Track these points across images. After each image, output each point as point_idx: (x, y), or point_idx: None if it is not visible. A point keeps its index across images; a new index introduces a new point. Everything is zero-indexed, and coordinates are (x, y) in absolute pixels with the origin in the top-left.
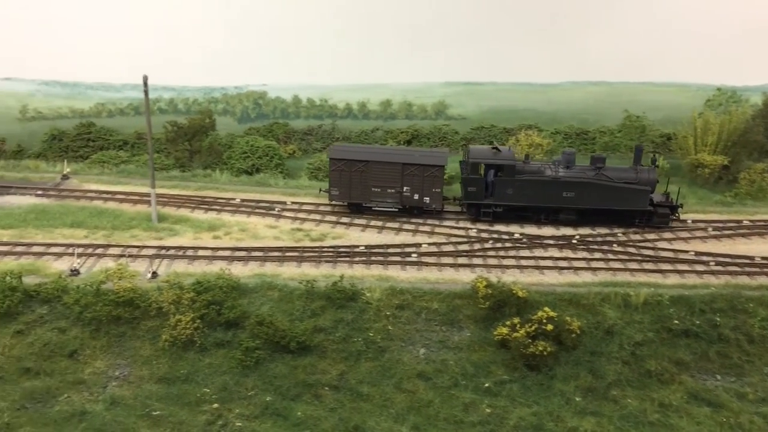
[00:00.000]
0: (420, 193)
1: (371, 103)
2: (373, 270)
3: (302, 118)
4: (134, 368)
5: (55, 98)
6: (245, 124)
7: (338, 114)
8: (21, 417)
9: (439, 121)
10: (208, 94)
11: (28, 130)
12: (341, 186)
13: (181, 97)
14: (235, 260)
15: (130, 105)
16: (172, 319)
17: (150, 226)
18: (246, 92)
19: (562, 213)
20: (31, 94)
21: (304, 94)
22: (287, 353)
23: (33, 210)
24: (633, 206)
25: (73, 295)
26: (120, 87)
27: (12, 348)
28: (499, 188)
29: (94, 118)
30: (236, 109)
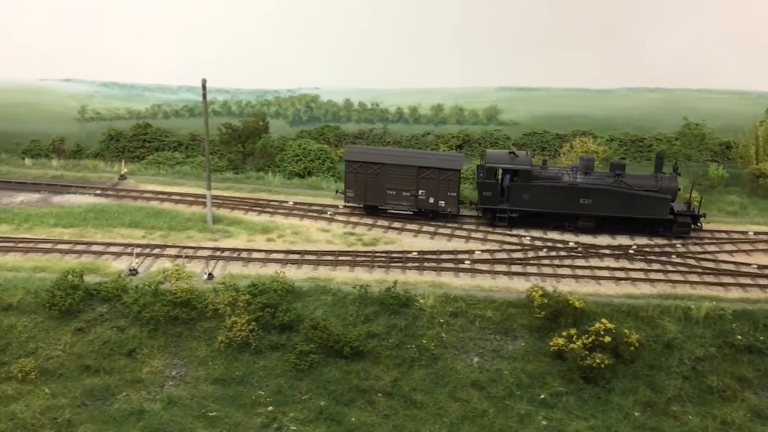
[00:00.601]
0: (435, 196)
1: (422, 108)
2: (426, 276)
3: (353, 122)
4: (190, 368)
5: (113, 99)
6: (297, 127)
7: (389, 118)
8: (81, 414)
9: (491, 126)
10: (261, 96)
11: (86, 130)
12: (357, 188)
13: (234, 100)
14: (288, 263)
15: (185, 107)
16: (227, 320)
17: (205, 228)
18: (298, 95)
19: (580, 220)
20: (90, 95)
21: (355, 97)
22: (341, 358)
23: (92, 209)
24: (652, 214)
25: (132, 295)
26: (176, 89)
27: (73, 345)
28: (515, 193)
29: (150, 120)
30: (288, 112)
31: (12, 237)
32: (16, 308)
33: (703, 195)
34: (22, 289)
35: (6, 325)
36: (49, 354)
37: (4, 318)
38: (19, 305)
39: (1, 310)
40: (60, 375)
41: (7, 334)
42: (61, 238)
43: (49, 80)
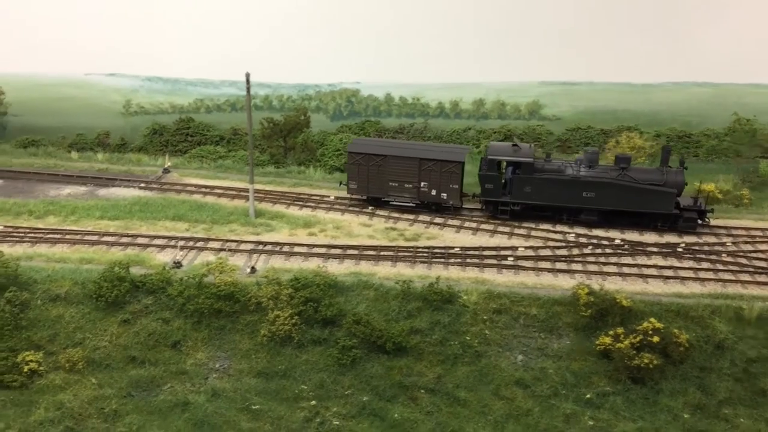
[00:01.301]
0: (437, 188)
1: (464, 102)
2: (469, 272)
3: (394, 117)
4: (234, 361)
5: (156, 94)
6: (337, 122)
7: (430, 113)
8: (127, 404)
9: (533, 121)
10: (302, 91)
11: (130, 124)
12: (359, 180)
13: (275, 94)
14: (330, 258)
15: (227, 101)
16: (270, 314)
17: (247, 221)
18: (339, 90)
19: (583, 213)
20: (135, 89)
21: (396, 92)
22: (383, 353)
23: (137, 202)
24: (656, 209)
25: (176, 287)
26: (218, 83)
27: (119, 336)
28: (517, 186)
29: (193, 114)
30: (329, 106)
31: (59, 229)
32: (63, 299)
33: (753, 192)
34: (69, 280)
35: (54, 316)
36: (95, 345)
37: (52, 308)
38: (66, 296)
39: (49, 300)
40: (106, 366)
41: (54, 325)
42: (106, 231)
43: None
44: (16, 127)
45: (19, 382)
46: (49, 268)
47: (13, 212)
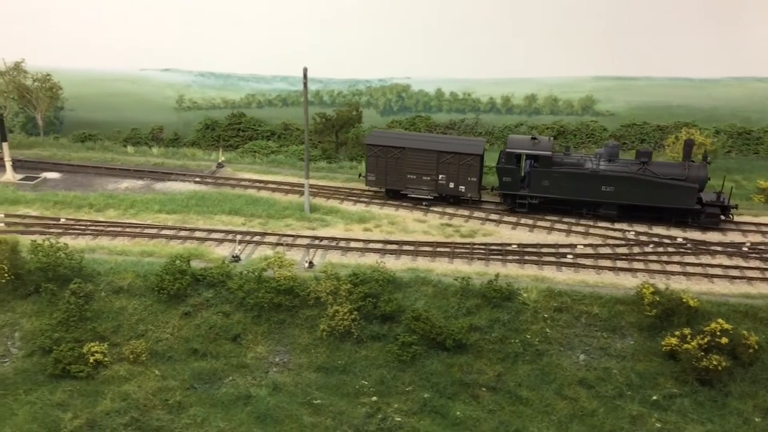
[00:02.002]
0: (456, 181)
1: (515, 98)
2: (527, 270)
3: (444, 112)
4: (293, 355)
5: (209, 89)
6: (388, 117)
7: (481, 108)
8: (191, 396)
9: (586, 117)
10: (353, 86)
11: (183, 119)
12: (377, 172)
13: (326, 89)
14: (387, 253)
15: (278, 96)
16: (329, 309)
17: (303, 216)
18: (390, 85)
19: (602, 207)
20: (188, 84)
21: (447, 87)
22: (443, 350)
23: (193, 196)
24: (677, 204)
25: (236, 281)
26: (270, 78)
27: (180, 329)
28: (535, 179)
29: (245, 109)
30: (379, 101)
31: (119, 222)
32: (126, 291)
33: None
34: (131, 272)
35: (117, 308)
36: (158, 337)
37: (115, 300)
38: (129, 288)
39: (113, 292)
40: (169, 357)
41: (118, 316)
42: (165, 224)
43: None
44: (73, 121)
45: (86, 372)
46: (112, 261)
47: (74, 205)
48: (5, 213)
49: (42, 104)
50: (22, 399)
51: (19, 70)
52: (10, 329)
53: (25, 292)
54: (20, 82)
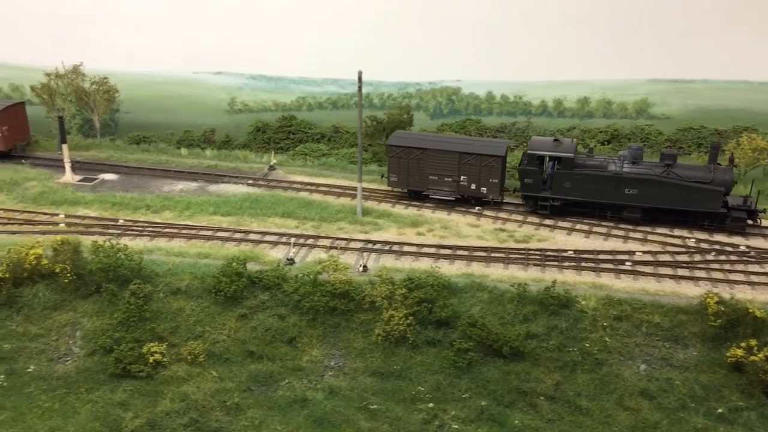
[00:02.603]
0: (477, 182)
1: (567, 101)
2: (585, 277)
3: (495, 115)
4: (349, 359)
5: (260, 92)
6: (438, 120)
7: (532, 111)
8: (248, 398)
9: (641, 120)
10: (403, 89)
11: (234, 122)
12: (400, 173)
13: (376, 92)
14: (441, 258)
15: (328, 99)
16: (384, 314)
17: (355, 220)
18: (440, 88)
19: (625, 210)
20: (239, 87)
21: (498, 90)
22: (499, 357)
23: (247, 198)
24: (702, 207)
25: (292, 284)
26: (320, 81)
27: (237, 331)
28: (557, 181)
29: (295, 112)
30: (429, 104)
31: (175, 223)
32: (184, 292)
33: None
34: (189, 274)
35: (175, 309)
36: (215, 338)
37: (173, 301)
38: (187, 289)
39: (171, 293)
40: (226, 359)
41: (176, 317)
42: (220, 226)
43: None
44: (128, 123)
45: (145, 372)
46: (169, 262)
47: (131, 206)
48: (65, 213)
49: (99, 107)
50: (84, 398)
51: (77, 73)
52: (72, 328)
53: (87, 292)
54: (78, 85)
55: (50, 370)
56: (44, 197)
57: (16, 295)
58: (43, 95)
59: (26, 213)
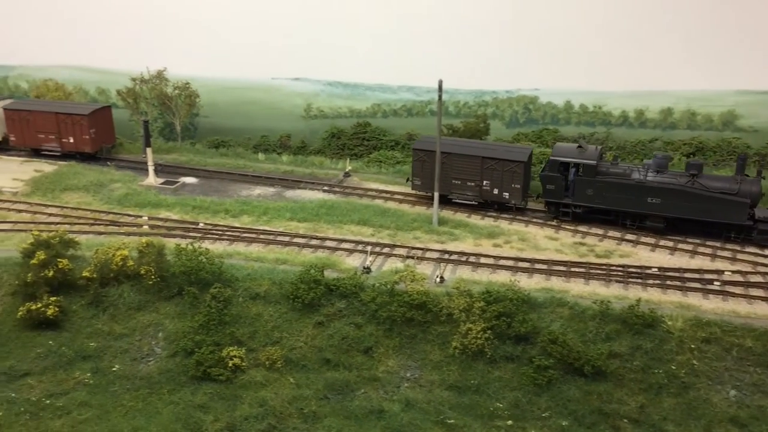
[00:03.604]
0: (500, 187)
1: (650, 111)
2: (670, 295)
3: (573, 125)
4: (425, 372)
5: (336, 98)
6: (513, 129)
7: (612, 121)
8: (325, 407)
9: (727, 132)
10: (479, 97)
11: (310, 128)
12: (423, 177)
13: (452, 100)
14: (519, 271)
15: (403, 106)
16: (462, 326)
17: (431, 229)
18: (517, 96)
19: (649, 219)
20: (316, 93)
21: (576, 99)
22: (580, 376)
23: (323, 205)
24: (726, 219)
25: (369, 293)
26: (396, 89)
27: (314, 338)
28: (579, 188)
29: (370, 118)
30: (505, 113)
31: (254, 228)
32: (262, 298)
33: None
34: (267, 279)
35: (254, 314)
36: (292, 344)
37: (252, 306)
38: (265, 295)
39: (250, 298)
40: (303, 366)
41: (254, 322)
42: (297, 232)
43: (280, 79)
44: (206, 128)
45: (225, 376)
46: (248, 267)
47: (211, 210)
48: (149, 215)
49: (181, 111)
50: (166, 398)
51: (161, 78)
52: (155, 329)
53: (169, 294)
54: (162, 89)
55: (134, 369)
56: (128, 199)
57: (103, 295)
58: (128, 99)
59: (112, 214)
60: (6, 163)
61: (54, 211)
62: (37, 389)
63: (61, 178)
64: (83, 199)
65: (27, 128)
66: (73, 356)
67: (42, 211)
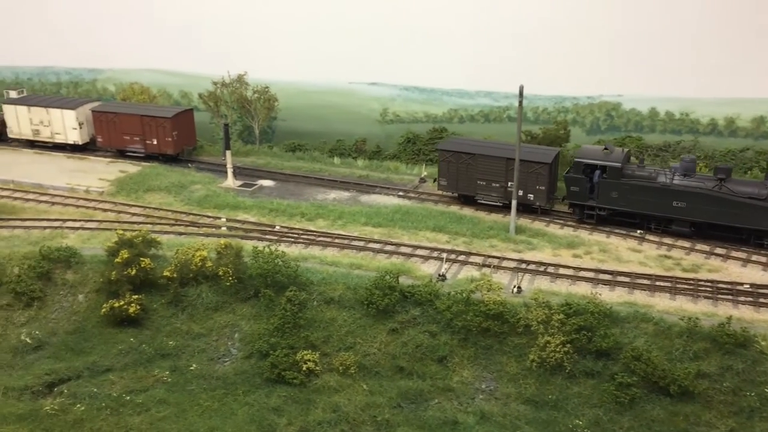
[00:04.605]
0: (524, 189)
1: (741, 119)
2: (764, 314)
3: (657, 133)
4: (500, 384)
5: (412, 103)
6: (594, 136)
7: (700, 130)
8: (398, 415)
9: None
10: (559, 103)
11: (385, 132)
12: (449, 177)
13: (531, 106)
14: (600, 283)
15: (481, 112)
16: (540, 339)
17: (507, 237)
18: (598, 102)
19: (674, 224)
20: (392, 98)
21: (662, 106)
22: (665, 396)
23: (398, 210)
24: (753, 224)
25: (444, 302)
26: (473, 94)
27: (387, 345)
28: (603, 190)
29: (446, 124)
30: (586, 119)
31: (329, 232)
32: (337, 302)
33: None
34: (342, 284)
35: (328, 318)
36: (366, 351)
37: (326, 311)
38: (340, 299)
39: (324, 302)
40: (376, 373)
41: (328, 327)
42: (371, 237)
43: (357, 83)
44: (283, 131)
45: (299, 379)
46: (323, 271)
47: (287, 213)
48: (227, 217)
49: (259, 115)
50: (241, 399)
51: (241, 82)
52: (231, 330)
53: (246, 295)
54: (242, 93)
55: (210, 369)
56: (208, 200)
57: (182, 295)
58: (210, 102)
59: (192, 215)
60: (93, 163)
61: (137, 211)
62: (118, 385)
63: (145, 178)
64: (165, 199)
65: (113, 130)
66: (152, 354)
67: (126, 211)
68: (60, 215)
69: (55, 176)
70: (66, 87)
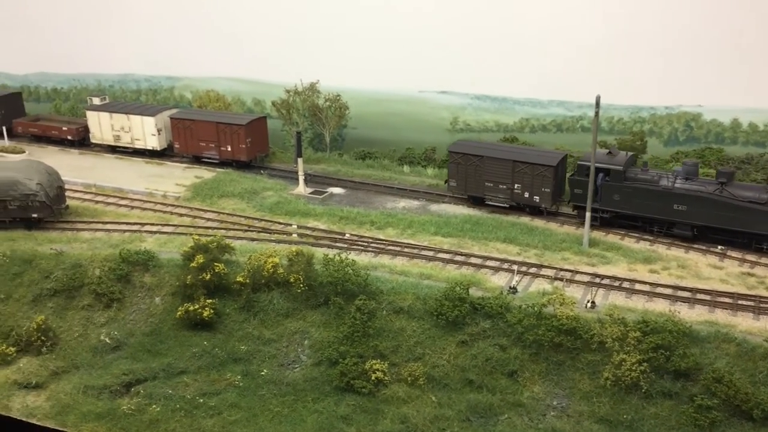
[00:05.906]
0: (530, 191)
1: None
2: None
3: (740, 145)
4: (573, 401)
5: (483, 112)
6: (672, 147)
7: None
8: (467, 429)
9: None
10: (635, 113)
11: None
12: (458, 178)
13: (605, 115)
14: (678, 301)
15: (553, 121)
16: (615, 357)
17: (581, 251)
18: (677, 113)
19: (676, 227)
20: (463, 107)
21: (745, 117)
22: (748, 420)
23: (468, 220)
24: (753, 228)
25: (515, 315)
26: (546, 103)
27: (456, 357)
28: (606, 193)
29: (517, 133)
30: (664, 130)
31: (399, 241)
32: (406, 312)
33: None
34: (411, 294)
35: (397, 328)
36: (435, 362)
37: (395, 320)
38: (409, 309)
39: (393, 312)
40: (444, 385)
41: (397, 337)
42: (441, 247)
43: (427, 92)
44: (353, 138)
45: (368, 389)
46: (393, 280)
47: (357, 221)
48: (298, 224)
49: (330, 122)
50: (311, 407)
51: (313, 90)
52: (301, 337)
53: (316, 303)
54: (313, 101)
55: (281, 375)
56: (279, 207)
57: (254, 300)
58: (282, 110)
59: (263, 221)
60: (170, 168)
61: (211, 216)
62: (192, 387)
63: (219, 184)
64: (238, 205)
65: (189, 136)
66: (225, 358)
67: (201, 216)
68: (139, 219)
69: (134, 181)
70: (145, 94)
